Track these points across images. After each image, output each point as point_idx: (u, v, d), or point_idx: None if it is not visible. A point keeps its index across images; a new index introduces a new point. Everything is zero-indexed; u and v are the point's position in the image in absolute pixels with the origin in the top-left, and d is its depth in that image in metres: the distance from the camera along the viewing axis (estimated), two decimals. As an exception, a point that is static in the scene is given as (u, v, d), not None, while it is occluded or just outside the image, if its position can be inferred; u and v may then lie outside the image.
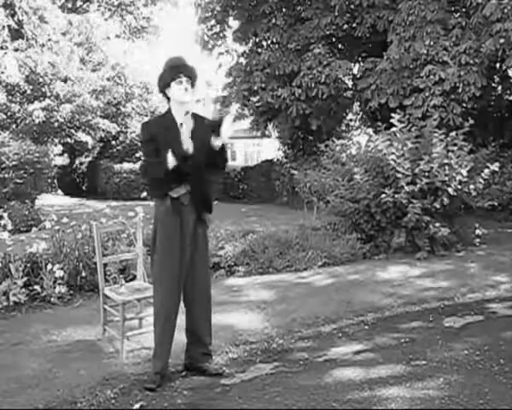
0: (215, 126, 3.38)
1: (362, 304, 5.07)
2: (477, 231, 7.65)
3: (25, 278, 5.21)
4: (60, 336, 4.36)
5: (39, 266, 5.38)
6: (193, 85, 3.48)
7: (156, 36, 26.59)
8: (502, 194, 8.87)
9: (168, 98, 3.52)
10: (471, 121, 7.68)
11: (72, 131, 18.27)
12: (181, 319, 3.60)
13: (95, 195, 19.64)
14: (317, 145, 12.27)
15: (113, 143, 20.83)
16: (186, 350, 3.66)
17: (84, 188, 21.94)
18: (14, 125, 16.96)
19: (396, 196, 6.92)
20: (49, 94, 16.83)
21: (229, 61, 15.04)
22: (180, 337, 3.62)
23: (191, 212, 3.45)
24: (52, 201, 15.73)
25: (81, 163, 22.28)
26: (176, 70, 3.42)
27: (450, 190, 6.99)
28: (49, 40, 17.38)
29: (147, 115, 20.97)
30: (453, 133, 7.41)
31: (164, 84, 3.46)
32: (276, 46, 13.41)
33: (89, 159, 22.00)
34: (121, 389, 3.41)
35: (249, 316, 4.81)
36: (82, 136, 18.54)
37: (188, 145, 3.34)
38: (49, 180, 15.72)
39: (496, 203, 7.89)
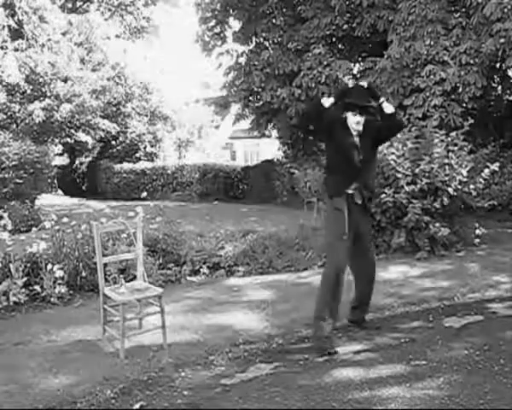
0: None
1: (362, 304, 5.06)
2: (477, 231, 7.65)
3: (25, 278, 5.22)
4: (60, 336, 4.36)
5: (39, 266, 5.38)
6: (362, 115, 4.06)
7: (156, 36, 26.63)
8: (502, 194, 8.88)
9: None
10: (471, 121, 7.68)
11: (72, 131, 18.29)
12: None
13: (95, 195, 19.66)
14: (317, 145, 12.30)
15: (113, 143, 20.86)
16: (351, 312, 4.49)
17: (84, 188, 21.94)
18: (14, 125, 16.98)
19: (396, 196, 6.92)
20: (49, 94, 16.86)
21: (229, 60, 15.03)
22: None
23: (358, 203, 4.10)
24: (52, 201, 15.71)
25: (81, 163, 22.30)
26: (354, 107, 4.02)
27: (450, 190, 6.99)
28: (49, 40, 17.38)
29: (147, 115, 21.00)
30: (453, 133, 7.42)
31: (343, 105, 4.07)
32: (277, 46, 13.41)
33: (89, 159, 22.02)
34: (121, 389, 3.41)
35: (249, 316, 4.81)
36: (82, 136, 18.56)
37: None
38: (49, 180, 15.70)
39: (496, 203, 7.89)
